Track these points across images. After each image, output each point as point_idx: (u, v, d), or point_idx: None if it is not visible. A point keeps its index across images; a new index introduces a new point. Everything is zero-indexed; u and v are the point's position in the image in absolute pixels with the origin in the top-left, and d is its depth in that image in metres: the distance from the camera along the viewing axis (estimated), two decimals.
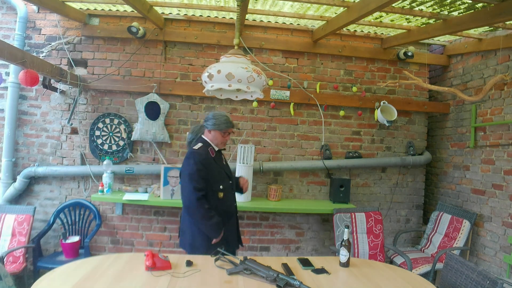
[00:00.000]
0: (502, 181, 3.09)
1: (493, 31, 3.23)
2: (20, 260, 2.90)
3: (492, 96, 3.25)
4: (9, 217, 3.03)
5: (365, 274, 1.98)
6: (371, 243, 3.22)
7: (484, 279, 1.80)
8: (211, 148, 2.33)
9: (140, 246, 3.60)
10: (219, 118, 2.29)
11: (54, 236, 3.48)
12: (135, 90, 3.50)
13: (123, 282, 1.69)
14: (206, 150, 2.28)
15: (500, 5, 2.39)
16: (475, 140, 3.44)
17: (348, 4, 2.80)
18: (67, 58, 3.52)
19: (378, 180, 3.88)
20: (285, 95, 3.63)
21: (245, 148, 3.32)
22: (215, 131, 2.30)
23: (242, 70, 2.03)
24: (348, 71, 3.81)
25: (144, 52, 3.59)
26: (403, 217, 3.93)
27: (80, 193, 3.57)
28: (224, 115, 2.32)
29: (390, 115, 3.60)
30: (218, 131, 2.29)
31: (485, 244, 3.25)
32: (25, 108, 3.52)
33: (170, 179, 3.26)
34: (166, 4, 3.12)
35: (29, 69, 2.61)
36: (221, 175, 2.34)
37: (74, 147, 3.56)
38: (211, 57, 3.63)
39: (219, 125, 2.28)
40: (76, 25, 3.52)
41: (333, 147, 3.79)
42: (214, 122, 2.29)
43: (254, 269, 1.83)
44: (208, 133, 2.33)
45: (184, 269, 1.88)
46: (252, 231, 3.71)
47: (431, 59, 3.87)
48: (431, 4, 2.73)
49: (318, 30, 3.52)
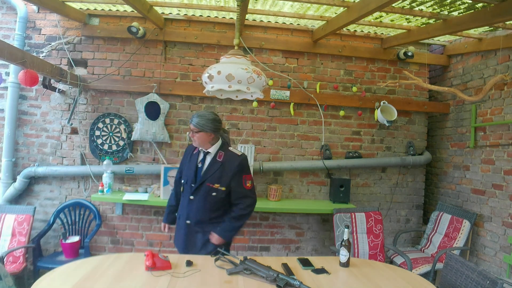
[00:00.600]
0: (502, 181, 3.09)
1: (493, 31, 3.23)
2: (20, 260, 2.90)
3: (492, 96, 3.25)
4: (9, 217, 3.03)
5: (365, 274, 1.98)
6: (371, 243, 3.22)
7: (484, 279, 1.80)
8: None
9: (140, 246, 3.60)
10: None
11: (54, 236, 3.48)
12: (135, 90, 3.50)
13: (123, 282, 1.69)
14: (195, 147, 2.38)
15: (500, 5, 2.39)
16: (475, 140, 3.44)
17: (348, 4, 2.80)
18: (67, 58, 3.52)
19: (378, 180, 3.88)
20: (285, 95, 3.63)
21: (245, 148, 3.32)
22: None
23: (242, 71, 2.03)
24: (348, 71, 3.81)
25: (144, 52, 3.59)
26: (403, 217, 3.93)
27: (80, 193, 3.57)
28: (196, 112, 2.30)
29: (390, 115, 3.60)
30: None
31: (485, 244, 3.25)
32: (25, 108, 3.52)
33: (170, 179, 3.26)
34: (166, 4, 3.12)
35: (29, 69, 2.61)
36: (189, 172, 2.33)
37: (74, 147, 3.56)
38: (211, 57, 3.63)
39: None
40: (76, 25, 3.52)
41: (333, 147, 3.79)
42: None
43: (254, 269, 1.83)
44: None
45: (184, 269, 1.88)
46: (252, 231, 3.71)
47: (431, 59, 3.87)
48: (431, 4, 2.73)
49: (318, 30, 3.52)
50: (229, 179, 2.24)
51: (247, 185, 2.28)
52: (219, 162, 2.26)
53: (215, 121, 2.22)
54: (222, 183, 2.24)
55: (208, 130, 2.19)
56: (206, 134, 2.21)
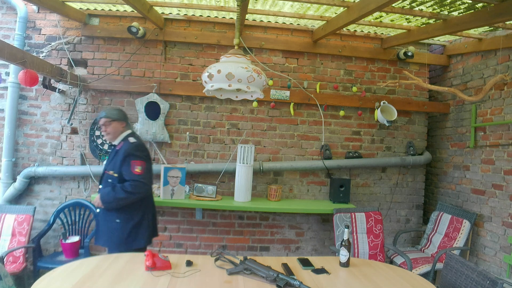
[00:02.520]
0: (502, 181, 3.09)
1: (493, 31, 3.23)
2: (20, 260, 2.90)
3: (492, 96, 3.25)
4: (9, 217, 3.03)
5: (365, 274, 1.98)
6: (371, 243, 3.22)
7: (484, 279, 1.80)
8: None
9: None
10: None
11: (54, 236, 3.48)
12: (135, 90, 3.50)
13: (123, 282, 1.69)
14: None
15: (500, 5, 2.39)
16: (475, 140, 3.44)
17: (348, 4, 2.80)
18: (67, 58, 3.52)
19: (378, 180, 3.88)
20: (285, 95, 3.64)
21: (245, 148, 3.32)
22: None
23: (242, 70, 2.03)
24: (348, 71, 3.81)
25: (144, 52, 3.59)
26: (403, 217, 3.93)
27: (80, 193, 3.57)
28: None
29: (390, 115, 3.60)
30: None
31: (485, 244, 3.25)
32: (25, 108, 3.52)
33: (170, 179, 3.26)
34: (166, 4, 3.12)
35: (29, 69, 2.61)
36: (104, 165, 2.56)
37: (74, 147, 3.56)
38: (211, 57, 3.63)
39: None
40: (76, 25, 3.52)
41: (333, 147, 3.79)
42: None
43: (254, 269, 1.83)
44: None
45: (184, 269, 1.88)
46: (252, 231, 3.71)
47: (431, 59, 3.87)
48: (431, 4, 2.73)
49: (318, 30, 3.52)
50: (119, 164, 2.38)
51: (136, 170, 2.37)
52: (116, 150, 2.48)
53: (122, 111, 2.55)
54: (116, 169, 2.40)
55: (119, 118, 2.47)
56: (118, 123, 2.48)
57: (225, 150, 3.67)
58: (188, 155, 3.65)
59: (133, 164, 2.36)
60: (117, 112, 2.50)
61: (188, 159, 3.65)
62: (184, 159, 3.65)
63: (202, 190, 3.35)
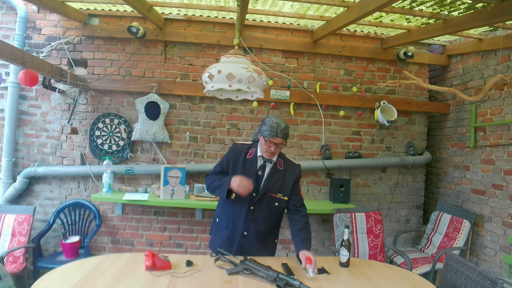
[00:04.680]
0: (502, 181, 3.09)
1: (493, 31, 3.23)
2: (20, 260, 2.90)
3: (492, 96, 3.25)
4: (9, 217, 3.03)
5: (365, 274, 1.98)
6: (371, 243, 3.22)
7: (484, 279, 1.80)
8: (253, 150, 2.14)
9: (140, 246, 3.60)
10: (266, 123, 2.01)
11: (54, 236, 3.48)
12: (135, 90, 3.50)
13: (123, 282, 1.69)
14: (246, 149, 2.15)
15: (500, 5, 2.39)
16: (475, 140, 3.44)
17: (348, 4, 2.80)
18: (67, 58, 3.52)
19: (378, 180, 3.88)
20: (285, 95, 3.63)
21: None
22: (260, 136, 2.05)
23: (242, 70, 2.02)
24: (348, 71, 3.81)
25: (144, 52, 3.59)
26: (403, 217, 3.93)
27: (80, 193, 3.57)
28: (272, 122, 1.99)
29: (390, 115, 3.60)
30: (262, 137, 2.02)
31: (485, 244, 3.25)
32: (25, 108, 3.52)
33: (170, 179, 3.26)
34: (166, 4, 3.12)
35: (29, 69, 2.61)
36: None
37: (74, 147, 3.56)
38: (211, 57, 3.63)
39: (263, 131, 2.01)
40: (76, 25, 3.52)
41: (333, 147, 3.79)
42: (261, 126, 2.05)
43: (254, 269, 1.83)
44: (260, 137, 2.09)
45: (184, 269, 1.88)
46: None
47: (431, 59, 3.87)
48: (431, 4, 2.73)
49: (318, 30, 3.52)
50: (290, 188, 2.14)
51: (301, 193, 2.26)
52: (281, 171, 2.13)
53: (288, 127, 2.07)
54: (285, 193, 2.13)
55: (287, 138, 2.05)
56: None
57: (225, 150, 3.67)
58: (188, 155, 3.65)
59: (299, 187, 2.24)
60: (287, 130, 2.03)
61: (188, 159, 3.65)
62: (184, 159, 3.65)
63: (202, 190, 3.35)
